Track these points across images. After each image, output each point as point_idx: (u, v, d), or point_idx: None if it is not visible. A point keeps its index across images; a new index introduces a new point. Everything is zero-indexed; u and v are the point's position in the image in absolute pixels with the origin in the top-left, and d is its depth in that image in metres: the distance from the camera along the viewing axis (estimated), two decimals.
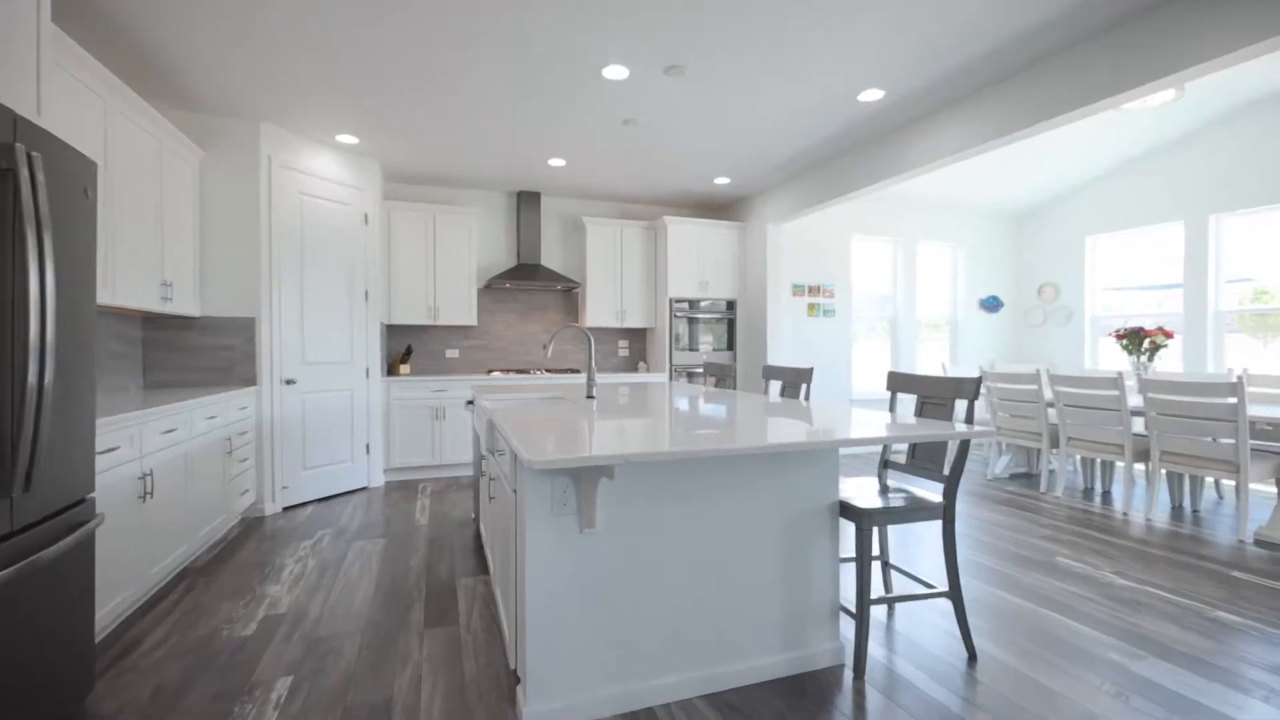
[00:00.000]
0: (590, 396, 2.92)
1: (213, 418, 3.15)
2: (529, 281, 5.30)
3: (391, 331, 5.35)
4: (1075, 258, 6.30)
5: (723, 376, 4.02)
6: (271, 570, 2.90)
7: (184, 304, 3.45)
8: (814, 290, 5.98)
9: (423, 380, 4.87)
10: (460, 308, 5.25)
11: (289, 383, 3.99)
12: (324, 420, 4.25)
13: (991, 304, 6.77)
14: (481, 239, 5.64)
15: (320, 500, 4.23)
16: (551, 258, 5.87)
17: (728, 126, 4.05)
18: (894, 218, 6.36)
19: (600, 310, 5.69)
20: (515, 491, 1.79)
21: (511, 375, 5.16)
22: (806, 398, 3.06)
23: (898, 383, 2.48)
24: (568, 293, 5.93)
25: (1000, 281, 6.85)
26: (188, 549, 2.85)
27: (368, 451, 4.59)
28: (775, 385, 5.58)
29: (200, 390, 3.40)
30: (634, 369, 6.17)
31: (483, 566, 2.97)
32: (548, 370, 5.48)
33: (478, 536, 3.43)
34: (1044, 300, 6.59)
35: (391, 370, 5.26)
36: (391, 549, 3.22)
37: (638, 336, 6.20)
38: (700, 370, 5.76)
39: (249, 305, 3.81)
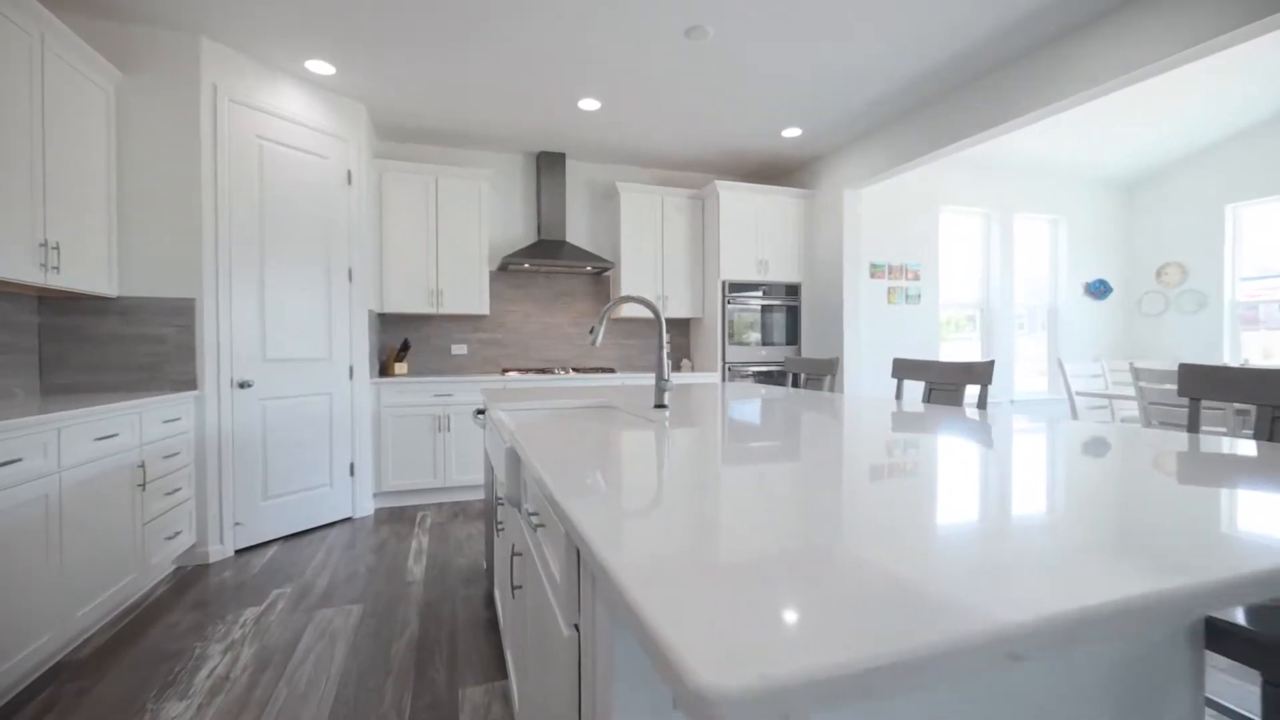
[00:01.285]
0: (661, 406, 1.92)
1: (109, 437, 2.18)
2: (552, 261, 4.31)
3: (384, 322, 4.39)
4: (1210, 232, 5.20)
5: (815, 376, 3.00)
6: (184, 669, 1.93)
7: (83, 276, 2.50)
8: (895, 271, 4.94)
9: (422, 382, 3.90)
10: (469, 293, 4.28)
11: (243, 385, 3.04)
12: (293, 434, 3.29)
13: (1098, 289, 5.69)
14: (494, 209, 4.67)
15: (289, 538, 3.27)
16: (578, 233, 4.89)
17: (813, 49, 3.03)
18: (986, 185, 5.31)
19: (636, 293, 4.68)
20: (578, 631, 0.79)
21: (531, 376, 4.17)
22: (981, 405, 2.03)
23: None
24: (598, 275, 4.94)
25: (1106, 263, 5.76)
26: (58, 636, 1.89)
27: (352, 473, 3.62)
28: (904, 387, 4.55)
29: (115, 395, 2.45)
30: (676, 368, 5.17)
31: (497, 663, 1.98)
32: (575, 370, 4.49)
33: (490, 603, 2.45)
34: (1165, 284, 5.50)
35: (384, 370, 4.30)
36: (368, 626, 2.24)
37: (679, 329, 5.19)
38: (761, 369, 4.74)
39: (187, 283, 2.85)
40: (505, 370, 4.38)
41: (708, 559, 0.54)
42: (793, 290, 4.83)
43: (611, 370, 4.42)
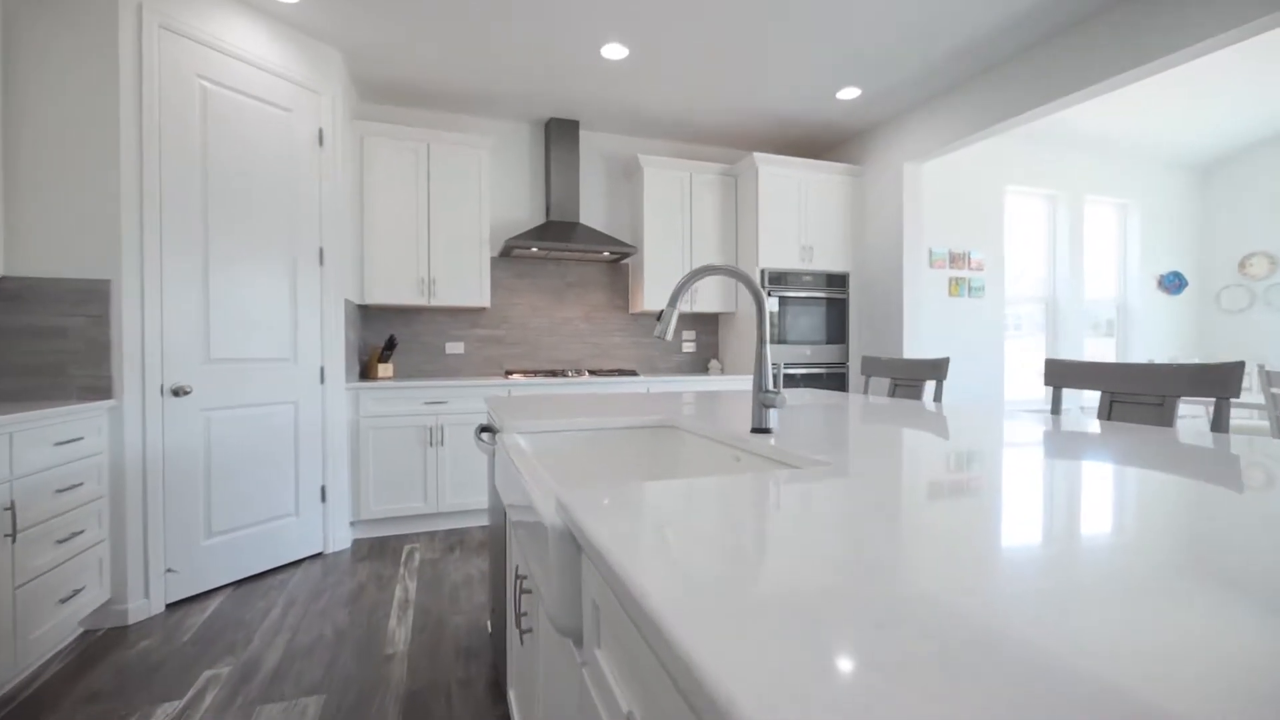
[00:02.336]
0: (764, 431, 1.28)
1: None
2: (564, 245, 3.66)
3: (365, 316, 3.73)
4: None
5: (910, 381, 2.36)
6: None
7: None
8: (956, 260, 4.32)
9: (411, 387, 3.24)
10: (466, 282, 3.62)
11: (179, 393, 2.37)
12: (247, 453, 2.63)
13: (1173, 283, 5.08)
14: (497, 185, 4.01)
15: (241, 583, 2.61)
16: (593, 214, 4.24)
17: None
18: (1053, 163, 4.69)
19: (661, 288, 4.05)
20: None
21: (540, 380, 3.52)
22: (1164, 419, 1.40)
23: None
24: (615, 263, 4.29)
25: (1178, 253, 5.16)
26: None
27: (323, 498, 2.96)
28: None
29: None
30: (703, 369, 4.53)
31: None
32: (590, 372, 3.84)
33: (499, 693, 1.79)
34: (1250, 276, 4.89)
35: (366, 372, 3.64)
36: None
37: (707, 325, 4.55)
38: (806, 372, 4.10)
39: (100, 260, 2.19)
40: (509, 373, 3.73)
41: None
42: (839, 281, 4.19)
43: (633, 373, 3.78)
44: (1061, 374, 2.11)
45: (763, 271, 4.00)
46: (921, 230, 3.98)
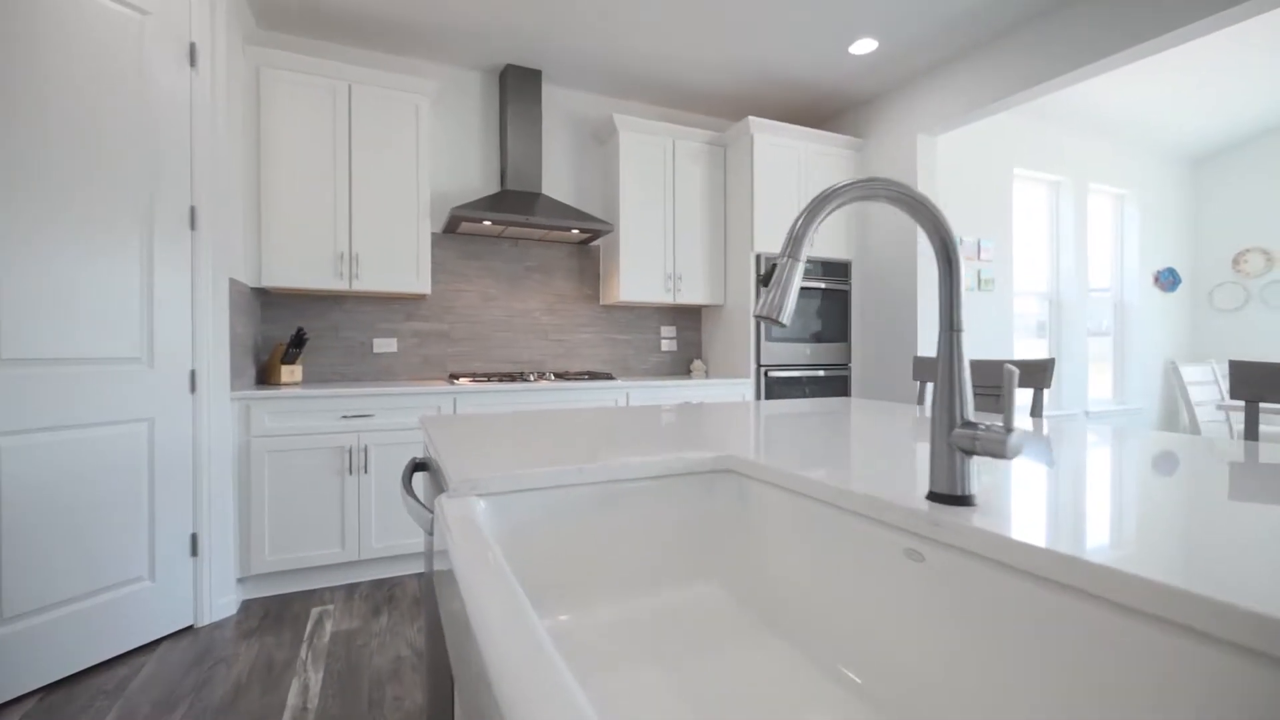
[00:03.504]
0: (960, 500, 0.65)
1: None
2: (523, 220, 2.97)
3: (266, 303, 2.91)
4: None
5: (988, 390, 1.82)
6: None
7: None
8: (966, 249, 3.88)
9: (324, 396, 2.47)
10: (399, 262, 2.87)
11: None
12: (63, 497, 1.82)
13: (1168, 279, 4.85)
14: (439, 143, 3.27)
15: (58, 686, 1.80)
16: (557, 185, 3.55)
17: None
18: (1059, 145, 4.34)
19: (640, 275, 3.41)
20: None
21: (494, 384, 2.81)
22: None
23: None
24: (585, 244, 3.61)
25: (1172, 248, 4.94)
26: None
27: (194, 551, 2.16)
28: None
29: None
30: (684, 372, 3.92)
31: None
32: (556, 375, 3.15)
33: None
34: (1244, 274, 4.71)
35: (265, 377, 2.83)
36: None
37: (688, 320, 3.94)
38: (807, 374, 3.55)
39: None
40: (455, 377, 3.00)
41: None
42: (839, 270, 3.67)
43: (608, 376, 3.12)
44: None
45: (758, 258, 3.42)
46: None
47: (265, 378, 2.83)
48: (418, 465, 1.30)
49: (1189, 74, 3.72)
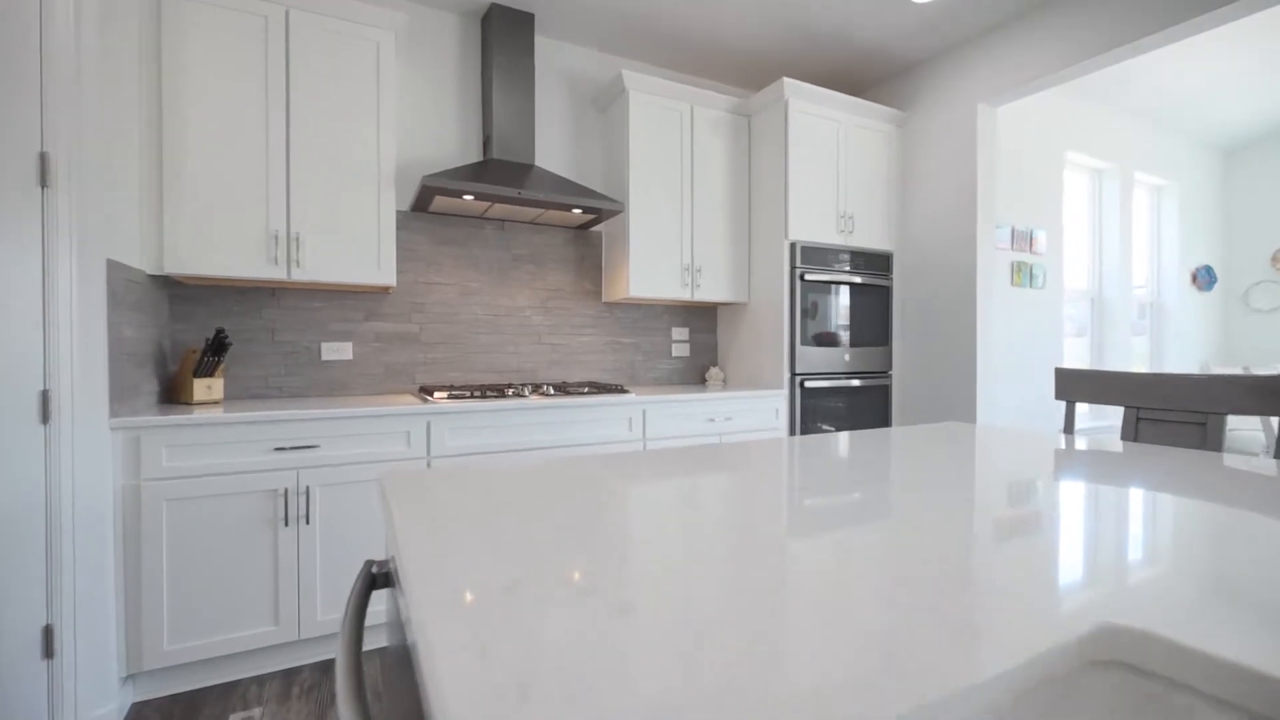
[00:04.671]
0: None
1: None
2: (514, 191, 2.36)
3: (176, 296, 2.23)
4: None
5: (1190, 417, 1.31)
6: None
7: None
8: (1019, 240, 3.42)
9: (249, 421, 1.82)
10: (354, 245, 2.23)
11: None
12: None
13: (1205, 277, 4.52)
14: (407, 97, 2.63)
15: None
16: (549, 158, 2.95)
17: None
18: (1109, 128, 3.94)
19: (652, 267, 2.84)
20: None
21: (477, 401, 2.19)
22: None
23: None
24: (586, 229, 3.02)
25: (1207, 245, 4.62)
26: None
27: (47, 651, 1.50)
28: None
29: None
30: (698, 381, 3.36)
31: None
32: (554, 388, 2.54)
33: None
34: None
35: (172, 394, 2.16)
36: None
37: (703, 320, 3.38)
38: (846, 383, 3.04)
39: None
40: (427, 391, 2.38)
41: None
42: (881, 263, 3.17)
43: (619, 389, 2.54)
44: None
45: (793, 246, 2.89)
46: (995, 196, 3.04)
47: (173, 395, 2.15)
48: (375, 579, 0.73)
49: (1226, 59, 3.36)
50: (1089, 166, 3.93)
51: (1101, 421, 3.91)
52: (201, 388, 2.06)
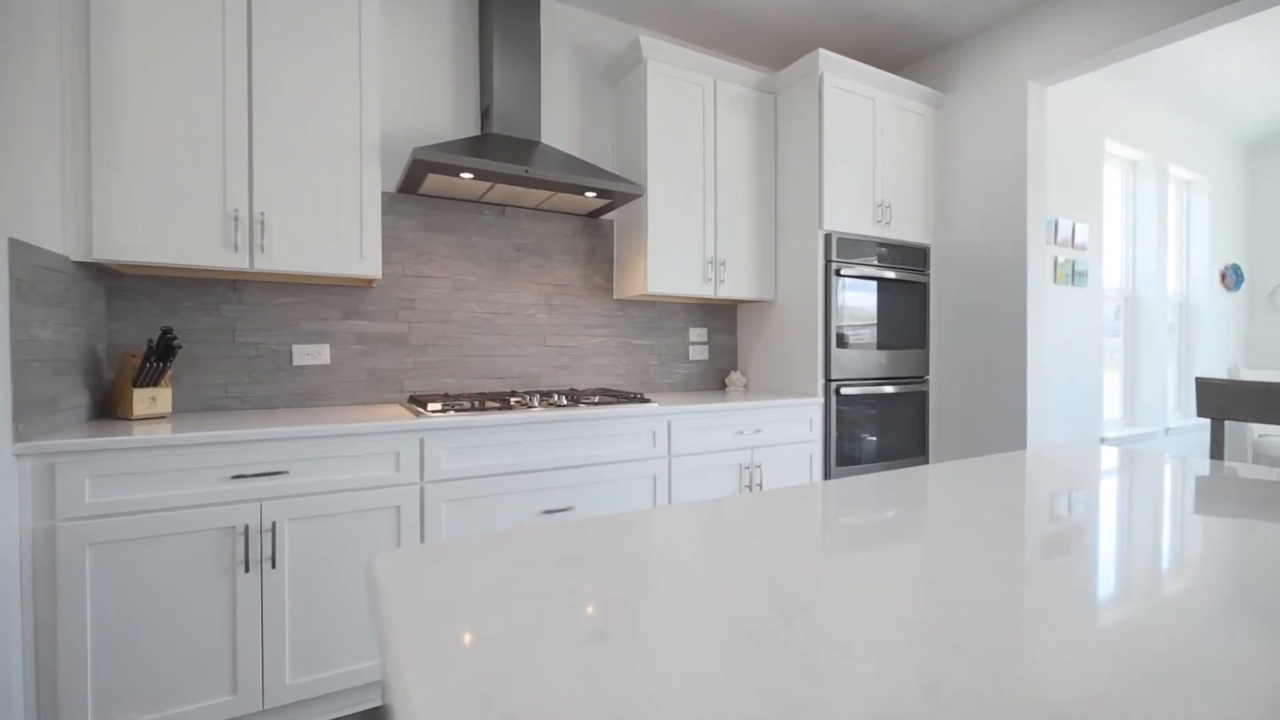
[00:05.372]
0: None
1: None
2: (520, 168, 2.03)
3: (111, 288, 1.85)
4: None
5: None
6: None
7: None
8: (1061, 234, 3.17)
9: (200, 443, 1.47)
10: (332, 230, 1.88)
11: None
12: None
13: (1235, 277, 4.34)
14: (394, 60, 2.27)
15: None
16: (554, 135, 2.61)
17: None
18: (1144, 118, 3.71)
19: (673, 260, 2.52)
20: None
21: (477, 413, 1.85)
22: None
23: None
24: (597, 217, 2.69)
25: (1229, 243, 4.44)
26: None
27: None
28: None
29: None
30: (718, 386, 3.05)
31: None
32: (565, 397, 2.20)
33: None
34: None
35: (109, 407, 1.78)
36: None
37: (722, 320, 3.07)
38: (883, 389, 2.76)
39: None
40: (419, 402, 2.04)
41: None
42: (918, 257, 2.90)
43: (639, 398, 2.21)
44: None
45: (828, 238, 2.60)
46: (1045, 186, 2.78)
47: (110, 410, 1.78)
48: None
49: (1256, 48, 3.15)
50: (1124, 157, 3.70)
51: (1138, 429, 3.69)
52: (143, 400, 1.69)
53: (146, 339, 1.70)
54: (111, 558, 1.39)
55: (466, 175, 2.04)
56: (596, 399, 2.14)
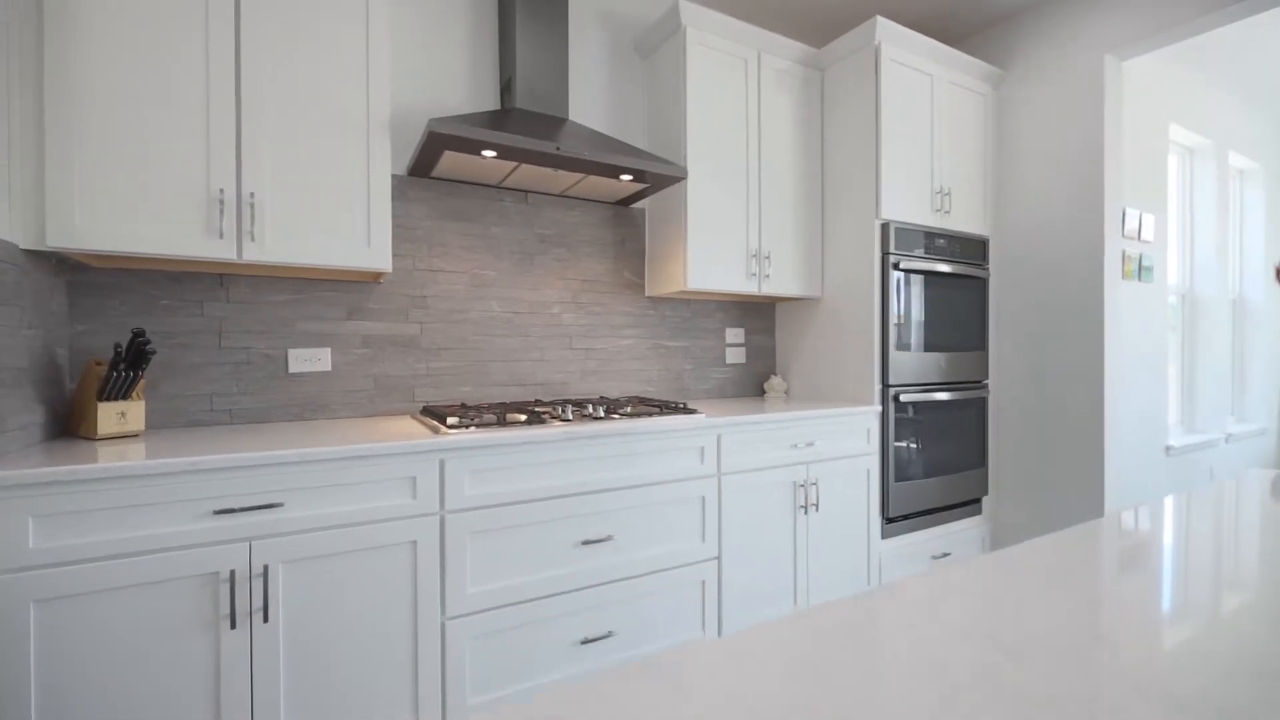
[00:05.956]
0: None
1: None
2: (552, 145, 1.76)
3: (75, 283, 1.58)
4: None
5: None
6: None
7: None
8: (1128, 225, 2.92)
9: (176, 470, 1.19)
10: (334, 215, 1.61)
11: None
12: None
13: None
14: (406, 31, 2.00)
15: None
16: (582, 111, 2.34)
17: None
18: (1205, 102, 3.46)
19: (714, 253, 2.26)
20: None
21: (502, 429, 1.58)
22: None
23: None
24: (627, 204, 2.42)
25: (1269, 235, 4.19)
26: None
27: None
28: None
29: None
30: (756, 392, 2.79)
31: None
32: (600, 407, 1.93)
33: None
34: None
35: (70, 424, 1.51)
36: None
37: (759, 320, 2.81)
38: (927, 396, 2.50)
39: None
40: (436, 416, 1.77)
41: None
42: (976, 250, 2.64)
43: (682, 408, 1.94)
44: None
45: (885, 228, 2.33)
46: (1122, 172, 2.53)
47: (71, 427, 1.51)
48: None
49: None
50: (1183, 144, 3.46)
51: (1198, 436, 3.43)
52: (110, 416, 1.42)
53: (115, 343, 1.43)
54: (63, 616, 1.12)
55: (489, 153, 1.77)
56: (634, 410, 1.87)
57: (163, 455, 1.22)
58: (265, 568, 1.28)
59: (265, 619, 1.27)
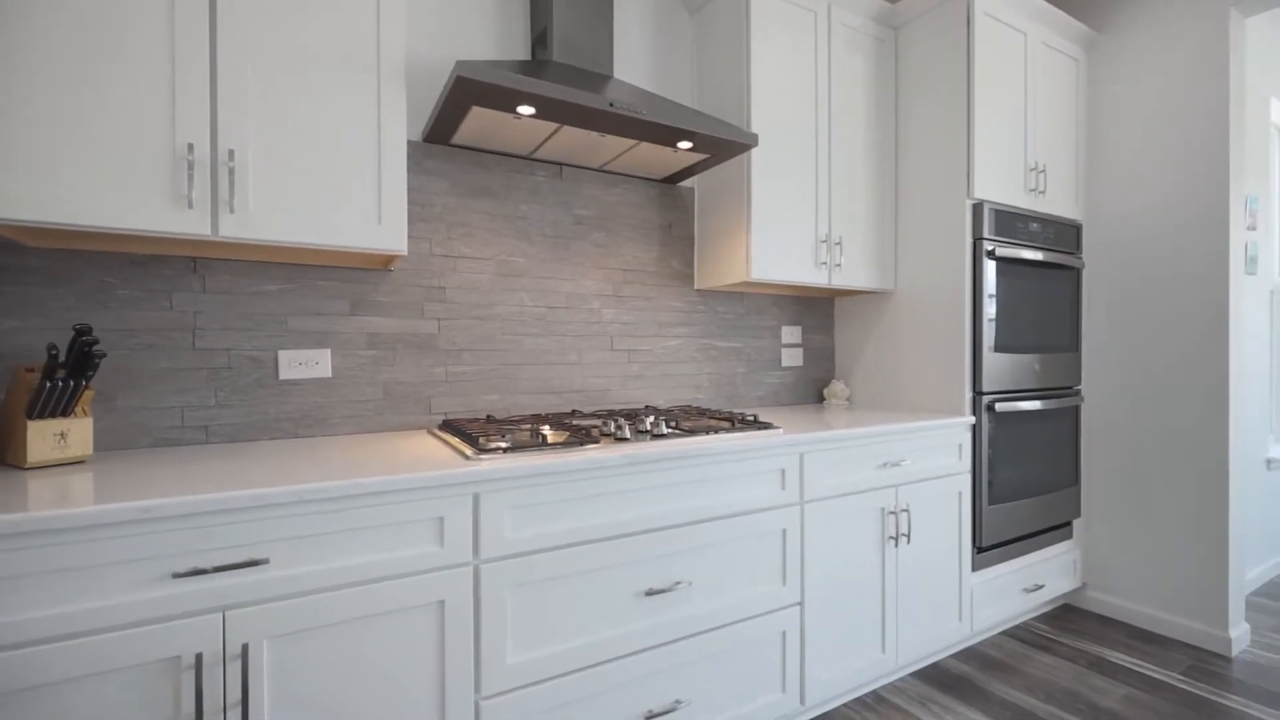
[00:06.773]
0: None
1: None
2: (599, 100, 1.43)
3: (7, 264, 1.24)
4: None
5: None
6: None
7: None
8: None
9: (128, 519, 0.86)
10: (338, 181, 1.28)
11: None
12: None
13: None
14: None
15: None
16: (623, 70, 2.01)
17: None
18: None
19: (778, 239, 1.93)
20: None
21: (547, 455, 1.25)
22: None
23: None
24: (674, 181, 2.08)
25: None
26: None
27: None
28: None
29: None
30: (815, 399, 2.46)
31: None
32: (670, 426, 1.60)
33: None
34: None
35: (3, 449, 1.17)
36: None
37: (816, 317, 2.48)
38: (1016, 404, 2.18)
39: None
40: (457, 433, 1.44)
41: None
42: (1065, 237, 2.31)
43: (762, 422, 1.61)
44: None
45: (978, 210, 2.00)
46: (1246, 149, 2.20)
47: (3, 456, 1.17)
48: None
49: None
50: (1275, 122, 3.12)
51: None
52: (44, 439, 1.09)
53: (49, 344, 1.10)
54: None
55: (526, 110, 1.44)
56: (698, 425, 1.54)
57: (111, 489, 0.89)
58: (244, 647, 0.94)
59: (245, 717, 0.94)
